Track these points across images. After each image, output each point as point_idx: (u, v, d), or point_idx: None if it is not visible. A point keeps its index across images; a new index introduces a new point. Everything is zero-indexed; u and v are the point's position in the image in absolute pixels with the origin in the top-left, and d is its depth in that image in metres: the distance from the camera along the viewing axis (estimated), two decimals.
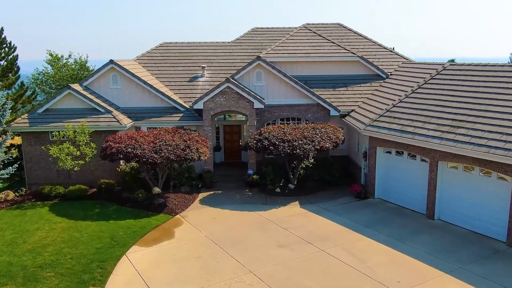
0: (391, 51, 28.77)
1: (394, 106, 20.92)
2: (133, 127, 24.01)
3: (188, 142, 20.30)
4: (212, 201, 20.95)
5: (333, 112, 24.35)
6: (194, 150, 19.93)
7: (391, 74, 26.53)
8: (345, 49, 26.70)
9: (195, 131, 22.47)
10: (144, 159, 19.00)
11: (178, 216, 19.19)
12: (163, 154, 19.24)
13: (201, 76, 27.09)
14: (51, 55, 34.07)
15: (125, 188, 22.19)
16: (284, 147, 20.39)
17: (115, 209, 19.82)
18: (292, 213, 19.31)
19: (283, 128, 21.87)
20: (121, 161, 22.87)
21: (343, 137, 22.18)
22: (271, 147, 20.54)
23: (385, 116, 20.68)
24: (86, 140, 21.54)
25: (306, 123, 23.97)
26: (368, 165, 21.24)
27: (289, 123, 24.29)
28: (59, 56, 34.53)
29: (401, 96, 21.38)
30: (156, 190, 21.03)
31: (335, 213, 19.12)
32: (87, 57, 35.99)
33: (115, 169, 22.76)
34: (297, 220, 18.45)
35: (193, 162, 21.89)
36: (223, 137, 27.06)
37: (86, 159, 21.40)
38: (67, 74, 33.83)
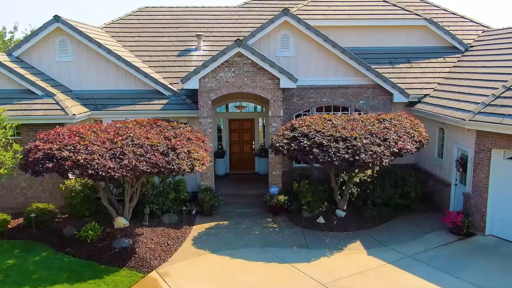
0: (463, 17, 20.52)
1: None
2: (91, 119, 15.53)
3: (173, 141, 11.85)
4: (214, 241, 12.42)
5: (397, 98, 15.99)
6: (184, 154, 11.48)
7: (470, 46, 18.35)
8: (406, 9, 18.44)
9: (186, 123, 13.98)
10: (91, 171, 10.47)
11: (153, 273, 10.64)
12: (126, 161, 10.72)
13: (196, 49, 18.65)
14: None
15: (72, 217, 13.71)
16: (339, 149, 11.91)
17: (44, 260, 11.25)
18: (359, 268, 10.80)
19: (331, 120, 13.45)
20: (70, 174, 14.37)
21: (427, 135, 13.73)
22: (316, 150, 12.06)
23: (504, 97, 12.34)
24: (7, 139, 12.96)
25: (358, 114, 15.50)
26: (473, 180, 12.83)
27: (331, 114, 15.84)
28: (1, 30, 25.58)
29: None
30: (120, 222, 12.53)
31: (437, 268, 10.63)
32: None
33: (60, 187, 14.28)
34: (376, 286, 9.94)
35: (182, 176, 13.40)
36: (227, 138, 18.60)
37: (1, 170, 12.74)
38: None
